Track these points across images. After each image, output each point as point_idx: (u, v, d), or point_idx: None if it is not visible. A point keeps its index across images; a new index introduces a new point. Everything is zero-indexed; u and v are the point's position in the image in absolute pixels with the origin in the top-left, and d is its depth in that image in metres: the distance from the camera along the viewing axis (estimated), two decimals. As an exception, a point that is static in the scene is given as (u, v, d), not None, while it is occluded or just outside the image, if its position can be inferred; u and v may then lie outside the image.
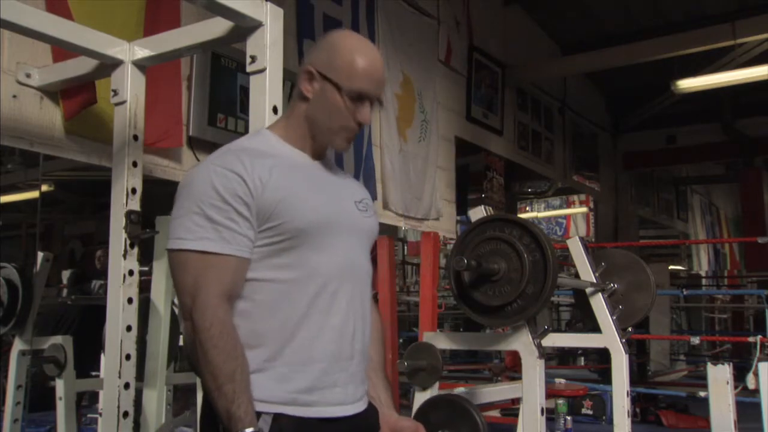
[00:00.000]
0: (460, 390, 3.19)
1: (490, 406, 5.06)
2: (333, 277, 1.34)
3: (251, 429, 1.20)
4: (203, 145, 3.63)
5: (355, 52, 1.38)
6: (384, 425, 1.46)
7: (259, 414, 1.26)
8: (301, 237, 1.31)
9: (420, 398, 2.68)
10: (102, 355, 3.04)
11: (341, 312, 1.34)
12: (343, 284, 1.35)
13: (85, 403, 3.84)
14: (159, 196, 3.46)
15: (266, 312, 1.30)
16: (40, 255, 3.33)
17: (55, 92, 2.83)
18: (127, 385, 2.28)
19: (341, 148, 1.43)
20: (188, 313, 1.26)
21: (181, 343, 3.04)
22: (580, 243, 3.13)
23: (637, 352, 7.38)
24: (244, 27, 1.97)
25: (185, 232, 1.28)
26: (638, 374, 7.05)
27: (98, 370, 3.38)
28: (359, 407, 1.39)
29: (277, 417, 1.27)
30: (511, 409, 5.05)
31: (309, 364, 1.30)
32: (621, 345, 2.96)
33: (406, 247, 8.50)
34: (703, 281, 11.59)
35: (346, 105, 1.37)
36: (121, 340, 2.28)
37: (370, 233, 1.46)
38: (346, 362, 1.35)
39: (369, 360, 1.46)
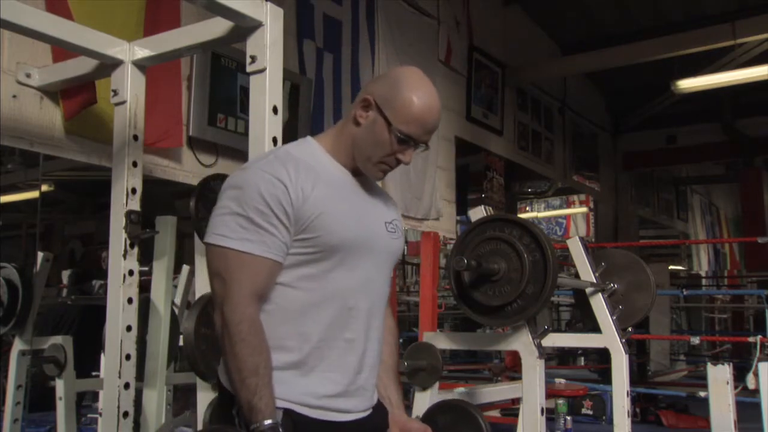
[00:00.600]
0: (460, 390, 3.19)
1: (490, 406, 5.07)
2: (352, 295, 1.40)
3: (270, 421, 1.26)
4: (203, 145, 3.63)
5: (415, 95, 1.41)
6: (393, 426, 1.52)
7: None
8: (330, 252, 1.37)
9: (420, 398, 2.68)
10: (102, 355, 3.04)
11: (356, 328, 1.41)
12: (361, 302, 1.42)
13: (88, 403, 3.83)
14: (159, 196, 3.46)
15: (285, 317, 1.36)
16: (40, 255, 3.33)
17: (55, 92, 2.83)
18: (127, 385, 2.28)
19: (376, 179, 1.50)
20: (220, 306, 1.32)
21: (181, 343, 3.04)
22: (580, 243, 3.13)
23: (637, 352, 7.38)
24: (244, 27, 1.97)
25: (228, 231, 1.33)
26: (638, 374, 7.05)
27: (99, 370, 3.38)
28: (364, 414, 1.45)
29: (288, 412, 1.33)
30: (511, 409, 5.05)
31: (319, 373, 1.36)
32: (621, 345, 2.96)
33: (406, 247, 8.50)
34: (703, 281, 11.59)
35: (392, 143, 1.41)
36: (121, 340, 2.28)
37: (394, 255, 1.53)
38: (355, 375, 1.40)
39: (382, 362, 1.52)
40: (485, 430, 2.32)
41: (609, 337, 2.99)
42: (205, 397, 2.57)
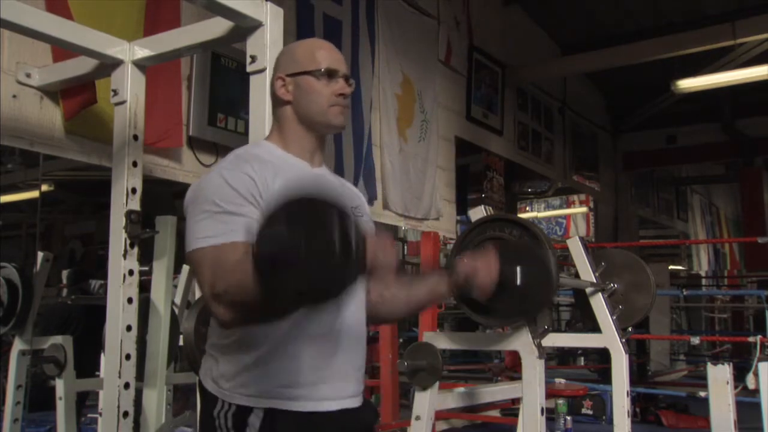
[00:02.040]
0: (460, 390, 3.19)
1: (490, 406, 5.07)
2: None
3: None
4: (203, 145, 3.63)
5: (309, 44, 1.53)
6: (461, 271, 1.48)
7: (250, 409, 1.30)
8: None
9: (420, 398, 2.68)
10: (102, 355, 3.04)
11: (330, 311, 1.36)
12: None
13: (91, 403, 3.83)
14: (159, 196, 3.46)
15: None
16: (40, 255, 3.33)
17: (55, 92, 2.83)
18: (127, 385, 2.28)
19: (339, 123, 1.49)
20: (209, 296, 1.26)
21: (181, 343, 3.04)
22: (580, 243, 3.13)
23: (637, 352, 7.39)
24: (244, 27, 1.97)
25: (213, 231, 1.29)
26: (638, 374, 7.06)
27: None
28: (349, 404, 1.41)
29: (268, 411, 1.30)
30: (511, 409, 5.05)
31: (294, 361, 1.33)
32: (621, 345, 2.96)
33: (406, 247, 8.50)
34: (703, 281, 11.59)
35: (322, 85, 1.45)
36: (121, 340, 2.28)
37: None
38: (328, 359, 1.37)
39: (401, 290, 1.51)
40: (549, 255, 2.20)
41: (609, 337, 2.99)
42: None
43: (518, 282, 1.58)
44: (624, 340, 2.98)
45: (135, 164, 2.39)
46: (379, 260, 1.22)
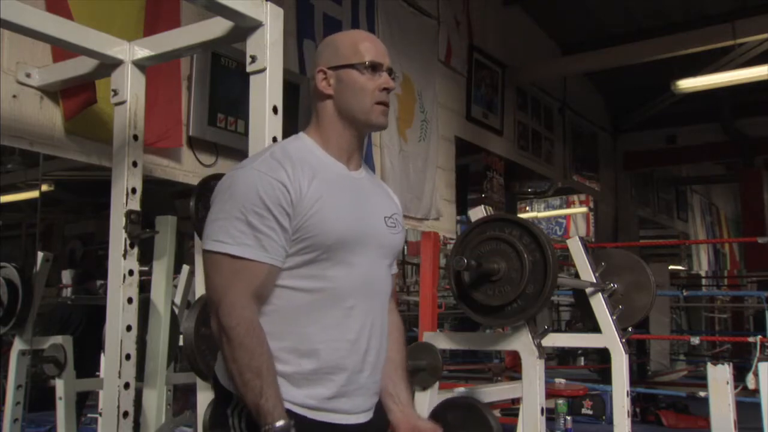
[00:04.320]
0: (460, 390, 3.19)
1: (490, 406, 5.06)
2: (352, 293, 1.37)
3: (282, 422, 1.23)
4: (203, 145, 3.63)
5: (352, 36, 1.49)
6: (403, 424, 1.49)
7: None
8: (327, 250, 1.34)
9: (420, 398, 2.68)
10: (102, 355, 3.04)
11: (357, 327, 1.37)
12: (361, 300, 1.38)
13: (91, 403, 3.83)
14: (159, 196, 3.46)
15: (283, 318, 1.33)
16: (40, 255, 3.33)
17: (55, 92, 2.83)
18: (127, 385, 2.28)
19: (381, 123, 1.45)
20: (215, 312, 1.29)
21: (181, 343, 3.04)
22: (580, 243, 3.13)
23: (637, 352, 7.38)
24: (244, 27, 1.97)
25: (226, 236, 1.30)
26: (638, 374, 7.05)
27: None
28: (365, 417, 1.42)
29: (288, 413, 1.29)
30: (511, 409, 5.05)
31: (320, 374, 1.33)
32: (621, 345, 2.96)
33: (406, 247, 8.50)
34: (703, 281, 11.58)
35: (366, 78, 1.42)
36: (121, 340, 2.28)
37: (394, 250, 1.50)
38: (356, 375, 1.37)
39: (389, 359, 1.49)
40: (494, 426, 2.32)
41: (609, 337, 2.99)
42: (205, 397, 2.57)
43: None
44: (624, 340, 2.98)
45: (135, 164, 2.39)
46: None
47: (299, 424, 1.30)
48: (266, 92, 1.90)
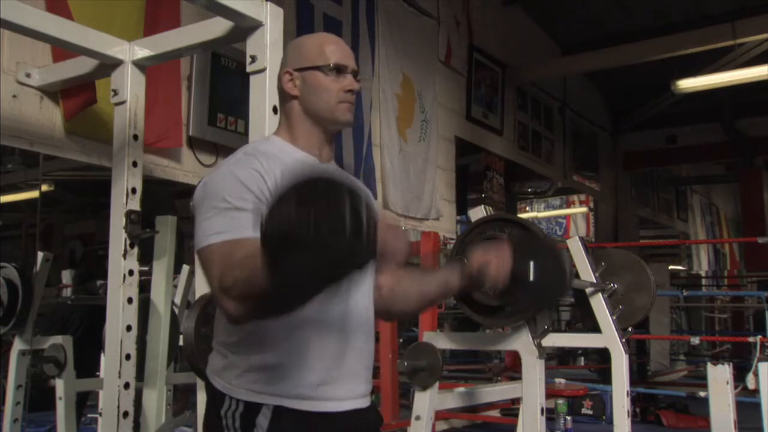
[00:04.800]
0: (460, 390, 3.19)
1: (490, 406, 5.07)
2: None
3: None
4: (203, 145, 3.63)
5: (318, 38, 1.51)
6: (474, 262, 1.46)
7: (258, 407, 1.29)
8: None
9: (420, 398, 2.68)
10: (102, 355, 3.04)
11: (340, 311, 1.36)
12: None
13: (91, 403, 3.84)
14: (159, 196, 3.46)
15: None
16: (40, 255, 3.33)
17: (55, 92, 2.83)
18: (127, 385, 2.29)
19: (347, 120, 1.47)
20: (218, 294, 1.23)
21: (181, 343, 3.04)
22: (580, 243, 3.13)
23: (637, 352, 7.38)
24: (244, 27, 1.97)
25: (222, 227, 1.28)
26: (638, 374, 7.05)
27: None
28: (358, 404, 1.40)
29: (276, 410, 1.29)
30: (511, 409, 5.05)
31: (305, 361, 1.32)
32: (621, 345, 2.96)
33: (406, 247, 8.48)
34: (703, 281, 11.58)
35: (330, 80, 1.44)
36: (121, 340, 2.28)
37: None
38: (338, 361, 1.36)
39: (411, 285, 1.50)
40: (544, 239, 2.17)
41: (609, 337, 2.99)
42: (205, 397, 2.57)
43: (531, 277, 1.56)
44: (624, 340, 2.98)
45: (135, 164, 2.39)
46: (390, 245, 1.22)
47: (293, 418, 1.29)
48: (266, 92, 1.91)
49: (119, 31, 2.56)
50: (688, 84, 7.05)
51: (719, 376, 3.17)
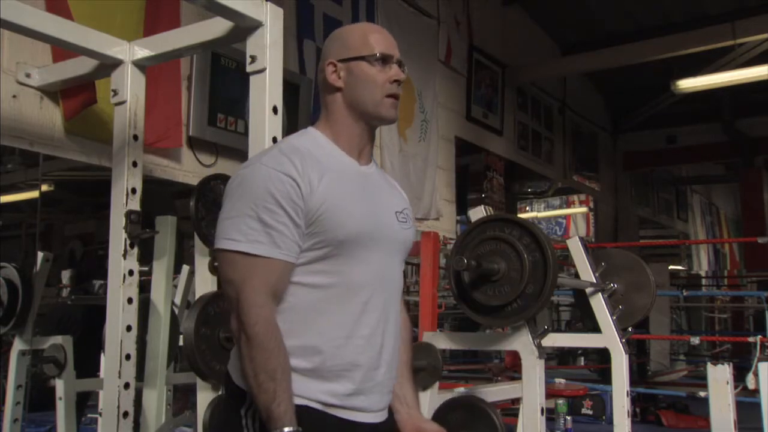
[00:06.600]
0: (460, 390, 3.19)
1: (490, 406, 5.06)
2: (365, 289, 1.36)
3: (290, 428, 1.22)
4: (203, 145, 3.63)
5: (362, 28, 1.49)
6: (408, 426, 1.48)
7: None
8: (340, 246, 1.33)
9: (421, 399, 2.68)
10: (102, 355, 3.04)
11: (371, 323, 1.36)
12: (375, 296, 1.37)
13: (91, 403, 3.83)
14: (159, 196, 3.46)
15: (298, 315, 1.32)
16: (40, 255, 3.33)
17: (55, 92, 2.83)
18: (127, 385, 2.29)
19: (391, 117, 1.45)
20: (235, 311, 1.28)
21: (181, 343, 3.04)
22: (580, 243, 3.13)
23: (637, 352, 7.37)
24: (244, 27, 1.97)
25: (238, 234, 1.29)
26: (638, 374, 7.05)
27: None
28: (380, 417, 1.41)
29: (304, 408, 1.29)
30: (511, 409, 5.05)
31: (335, 371, 1.32)
32: (621, 345, 2.96)
33: (406, 247, 8.48)
34: (703, 281, 11.58)
35: (377, 70, 1.42)
36: (121, 340, 2.28)
37: (405, 245, 1.49)
38: (372, 372, 1.36)
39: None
40: (498, 425, 2.31)
41: (609, 337, 2.99)
42: (205, 397, 2.56)
43: None
44: (624, 340, 2.98)
45: (135, 164, 2.39)
46: None
47: (320, 421, 1.29)
48: (266, 92, 1.90)
49: (119, 31, 2.56)
50: (688, 84, 7.05)
51: (719, 376, 3.17)
